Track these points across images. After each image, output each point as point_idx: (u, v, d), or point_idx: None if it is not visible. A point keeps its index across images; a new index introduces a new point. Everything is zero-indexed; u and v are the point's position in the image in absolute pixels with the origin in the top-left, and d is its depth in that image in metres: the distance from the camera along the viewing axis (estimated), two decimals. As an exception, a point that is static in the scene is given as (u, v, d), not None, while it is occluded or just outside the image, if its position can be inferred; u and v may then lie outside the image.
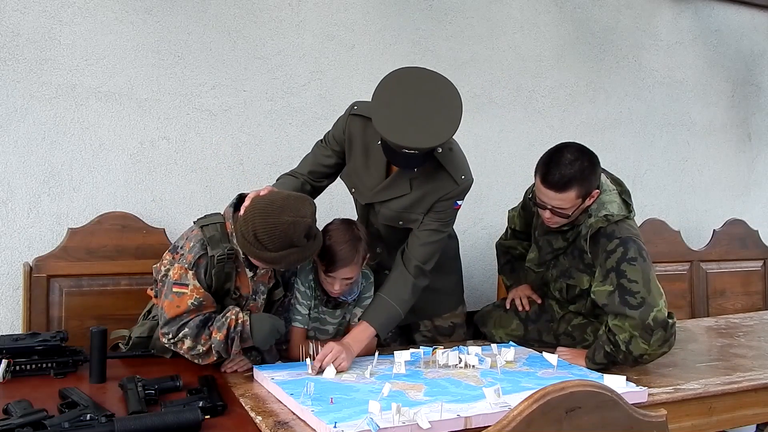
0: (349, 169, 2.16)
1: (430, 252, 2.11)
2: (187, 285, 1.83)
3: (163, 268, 1.95)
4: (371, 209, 2.17)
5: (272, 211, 1.76)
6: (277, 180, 2.17)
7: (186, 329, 1.81)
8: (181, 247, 1.91)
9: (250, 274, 1.91)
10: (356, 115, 2.09)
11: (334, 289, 2.03)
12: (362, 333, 2.01)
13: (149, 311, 2.09)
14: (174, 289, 1.83)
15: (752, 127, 3.92)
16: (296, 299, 2.09)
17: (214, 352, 1.83)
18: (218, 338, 1.81)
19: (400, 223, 2.12)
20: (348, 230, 2.02)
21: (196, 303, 1.83)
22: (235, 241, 1.86)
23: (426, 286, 2.14)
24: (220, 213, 1.96)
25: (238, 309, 1.87)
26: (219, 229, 1.89)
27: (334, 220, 2.08)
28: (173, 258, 1.93)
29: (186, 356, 1.87)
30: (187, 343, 1.82)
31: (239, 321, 1.83)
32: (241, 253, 1.86)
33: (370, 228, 2.21)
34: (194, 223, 1.95)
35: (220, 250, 1.86)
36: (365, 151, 2.09)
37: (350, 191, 2.20)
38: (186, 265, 1.84)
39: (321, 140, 2.20)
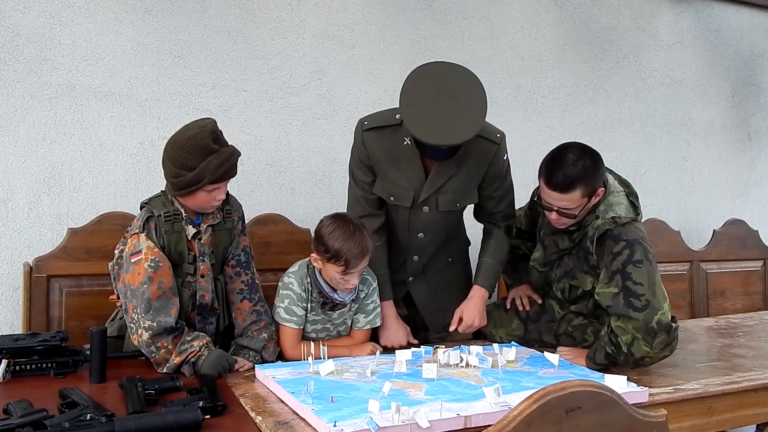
0: (381, 181, 2.17)
1: (510, 207, 2.31)
2: (141, 251, 1.87)
3: (117, 252, 1.98)
4: (418, 210, 2.18)
5: (177, 137, 1.91)
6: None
7: (153, 323, 1.82)
8: (130, 227, 1.97)
9: (193, 231, 1.96)
10: (369, 129, 2.12)
11: (351, 284, 2.04)
12: (483, 297, 2.25)
13: (113, 318, 2.10)
14: (132, 260, 1.88)
15: (752, 127, 3.92)
16: (291, 300, 2.08)
17: (165, 367, 1.86)
18: (175, 362, 1.84)
19: (458, 204, 2.20)
20: (347, 225, 2.02)
21: (152, 265, 1.85)
22: (176, 203, 1.95)
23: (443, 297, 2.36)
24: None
25: (204, 342, 1.88)
26: (160, 198, 1.98)
27: (323, 221, 2.08)
28: (124, 238, 1.97)
29: (139, 347, 1.89)
30: (145, 336, 1.84)
31: (198, 354, 1.85)
32: (183, 212, 1.94)
33: (411, 235, 2.24)
34: None
35: (165, 209, 1.94)
36: (392, 157, 2.12)
37: (389, 200, 2.19)
38: (137, 231, 1.90)
39: (352, 181, 2.24)
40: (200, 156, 1.86)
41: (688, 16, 3.70)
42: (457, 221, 2.35)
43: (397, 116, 2.09)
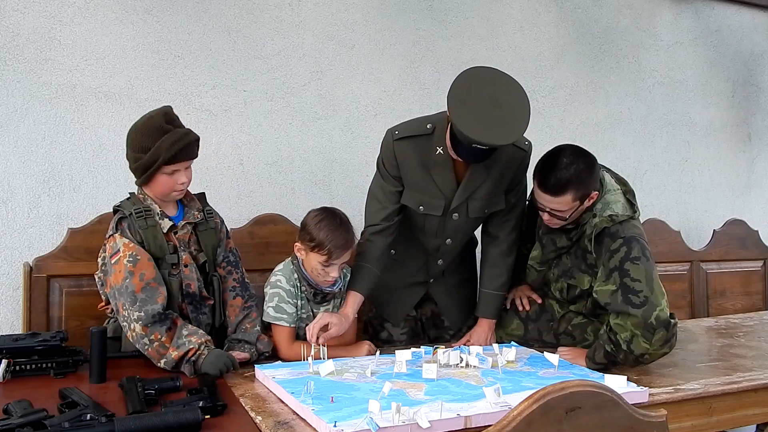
0: (410, 190, 2.17)
1: (520, 223, 2.32)
2: (119, 250, 1.89)
3: (100, 260, 2.00)
4: (449, 217, 2.20)
5: (134, 124, 1.98)
6: (362, 247, 2.19)
7: (141, 313, 1.83)
8: (107, 234, 1.99)
9: (169, 224, 1.97)
10: (400, 139, 2.12)
11: (330, 276, 2.07)
12: (490, 324, 2.31)
13: (107, 322, 2.10)
14: (112, 261, 1.90)
15: (752, 127, 3.92)
16: (281, 297, 2.10)
17: (162, 362, 1.86)
18: (173, 356, 1.84)
19: (486, 211, 2.22)
20: (334, 216, 2.07)
21: (131, 259, 1.86)
22: (147, 200, 1.98)
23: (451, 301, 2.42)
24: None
25: (204, 341, 1.88)
26: (129, 199, 2.01)
27: (310, 212, 2.11)
28: (104, 245, 1.99)
29: (134, 343, 1.88)
30: (138, 329, 1.83)
31: (198, 352, 1.85)
32: (158, 207, 1.97)
33: (438, 241, 2.26)
34: None
35: (135, 206, 1.96)
36: (423, 167, 2.13)
37: (418, 210, 2.19)
38: (111, 233, 1.93)
39: (375, 188, 2.21)
40: (154, 137, 1.91)
41: (688, 16, 3.70)
42: (479, 226, 2.38)
43: (428, 126, 2.11)
